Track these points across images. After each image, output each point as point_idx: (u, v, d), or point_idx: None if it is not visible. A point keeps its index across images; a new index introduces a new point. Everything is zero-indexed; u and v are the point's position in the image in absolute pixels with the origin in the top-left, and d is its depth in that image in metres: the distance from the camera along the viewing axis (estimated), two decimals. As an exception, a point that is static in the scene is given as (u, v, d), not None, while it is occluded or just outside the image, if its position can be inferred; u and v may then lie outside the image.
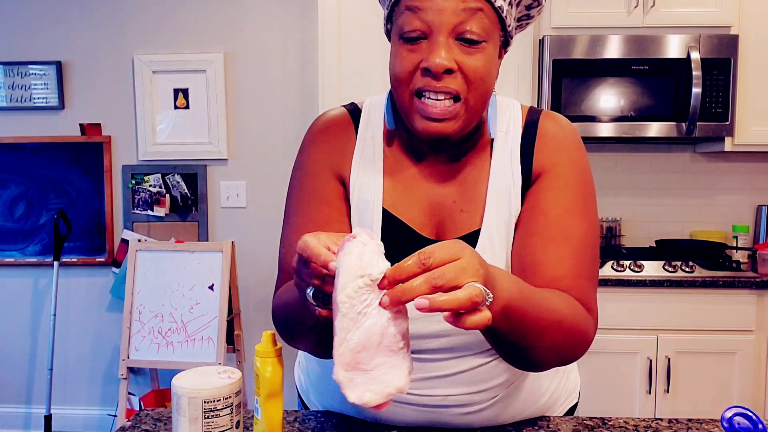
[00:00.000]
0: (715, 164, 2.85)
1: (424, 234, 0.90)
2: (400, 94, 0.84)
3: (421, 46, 0.80)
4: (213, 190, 2.94)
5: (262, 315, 2.97)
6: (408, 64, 0.81)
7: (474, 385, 0.90)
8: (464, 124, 0.84)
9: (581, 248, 0.85)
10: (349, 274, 0.58)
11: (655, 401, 2.34)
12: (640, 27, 2.45)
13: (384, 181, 0.91)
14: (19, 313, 3.03)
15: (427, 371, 0.89)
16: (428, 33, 0.79)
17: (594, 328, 0.84)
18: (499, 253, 0.88)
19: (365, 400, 0.59)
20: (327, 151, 0.93)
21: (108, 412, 2.98)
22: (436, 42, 0.78)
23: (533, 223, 0.87)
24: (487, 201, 0.89)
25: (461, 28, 0.78)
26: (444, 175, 0.92)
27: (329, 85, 2.52)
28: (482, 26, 0.79)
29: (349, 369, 0.59)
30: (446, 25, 0.78)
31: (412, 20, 0.79)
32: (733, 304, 2.30)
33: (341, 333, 0.59)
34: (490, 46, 0.81)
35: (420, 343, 0.88)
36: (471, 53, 0.79)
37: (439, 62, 0.78)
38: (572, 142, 0.91)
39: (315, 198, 0.91)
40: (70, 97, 2.94)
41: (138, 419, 0.96)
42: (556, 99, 2.44)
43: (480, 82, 0.81)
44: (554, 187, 0.88)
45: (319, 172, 0.93)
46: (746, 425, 0.74)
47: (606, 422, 0.95)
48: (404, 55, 0.81)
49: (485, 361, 0.90)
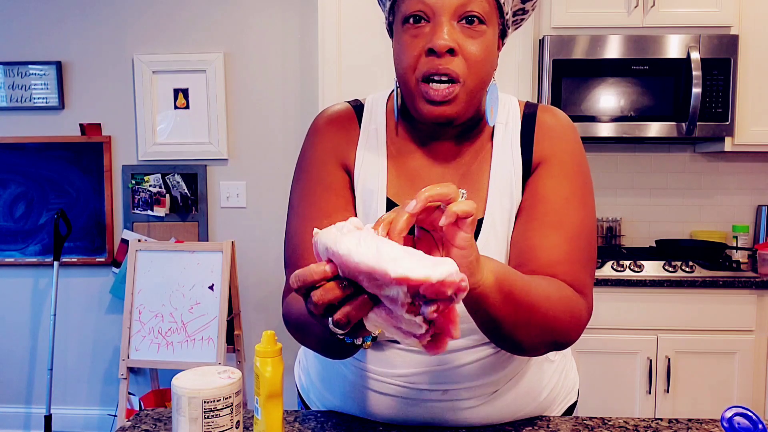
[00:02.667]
0: (715, 164, 2.85)
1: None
2: (406, 80, 0.86)
3: (424, 30, 0.83)
4: (213, 190, 2.94)
5: (262, 315, 2.97)
6: (413, 48, 0.84)
7: (474, 379, 0.91)
8: (465, 107, 0.86)
9: (577, 235, 0.87)
10: (341, 240, 0.57)
11: (655, 401, 2.34)
12: (640, 27, 2.45)
13: (388, 171, 0.93)
14: (19, 313, 3.03)
15: (428, 365, 0.89)
16: (431, 15, 0.83)
17: (588, 312, 0.85)
18: (501, 242, 0.89)
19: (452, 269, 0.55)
20: (332, 141, 0.95)
21: (108, 412, 2.98)
22: (439, 23, 0.82)
23: (531, 210, 0.89)
24: (490, 191, 0.91)
25: (463, 9, 0.82)
26: (447, 166, 0.94)
27: (329, 85, 2.52)
28: (482, 8, 0.83)
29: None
30: (448, 7, 0.82)
31: (415, 3, 0.83)
32: (733, 304, 2.30)
33: (391, 262, 0.54)
34: (490, 31, 0.85)
35: None
36: (472, 36, 0.83)
37: (443, 43, 0.81)
38: (570, 134, 0.93)
39: (321, 186, 0.93)
40: (70, 97, 2.94)
41: (138, 419, 0.96)
42: (556, 99, 2.44)
43: (479, 66, 0.84)
44: (553, 175, 0.90)
45: (325, 162, 0.94)
46: (746, 425, 0.74)
47: (606, 422, 0.95)
48: (408, 41, 0.85)
49: (485, 354, 0.91)
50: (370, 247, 0.56)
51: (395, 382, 0.91)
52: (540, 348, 0.81)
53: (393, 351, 0.90)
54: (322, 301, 0.57)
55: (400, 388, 0.91)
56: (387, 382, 0.91)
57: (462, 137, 0.93)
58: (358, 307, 0.57)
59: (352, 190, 0.94)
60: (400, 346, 0.90)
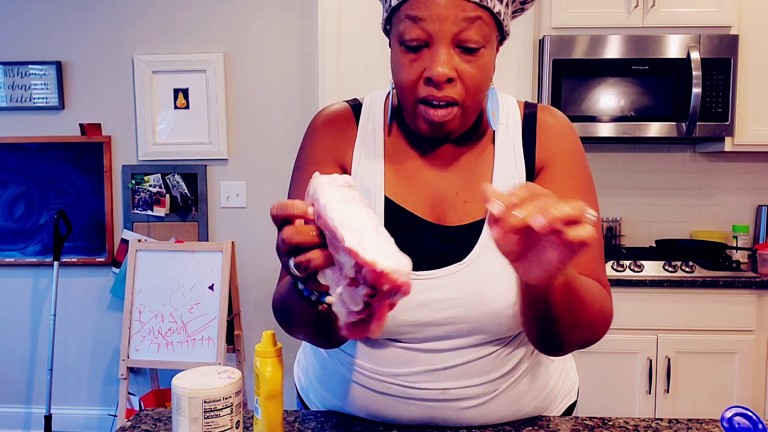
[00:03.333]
0: (715, 164, 2.85)
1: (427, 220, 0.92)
2: (405, 99, 0.87)
3: (423, 54, 0.83)
4: (213, 190, 2.95)
5: (262, 315, 2.97)
6: (411, 73, 0.83)
7: (474, 377, 0.91)
8: (462, 123, 0.87)
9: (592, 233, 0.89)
10: (327, 190, 0.59)
11: (655, 401, 2.34)
12: (640, 27, 2.45)
13: (385, 170, 0.93)
14: (19, 313, 3.03)
15: (428, 363, 0.89)
16: (429, 41, 0.82)
17: (612, 306, 0.89)
18: None
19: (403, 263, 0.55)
20: (329, 140, 0.95)
21: (108, 412, 2.98)
22: (438, 52, 0.81)
23: None
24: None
25: (461, 37, 0.81)
26: (446, 166, 0.94)
27: (329, 85, 2.52)
28: (481, 33, 0.82)
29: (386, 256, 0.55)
30: (447, 34, 0.80)
31: (413, 29, 0.81)
32: (733, 304, 2.30)
33: (354, 232, 0.55)
34: (488, 51, 0.84)
35: (422, 330, 0.88)
36: (470, 61, 0.82)
37: (441, 72, 0.80)
38: (570, 133, 0.95)
39: None
40: (70, 97, 2.94)
41: (138, 419, 0.96)
42: (556, 99, 2.44)
43: (478, 88, 0.84)
44: (561, 177, 0.91)
45: (321, 160, 0.94)
46: (746, 425, 0.74)
47: (606, 422, 0.95)
48: (407, 64, 0.84)
49: (487, 353, 0.91)
50: (347, 209, 0.57)
51: (395, 381, 0.91)
52: (574, 347, 0.85)
53: (392, 350, 0.90)
54: (290, 240, 0.60)
55: (400, 387, 0.91)
56: (386, 382, 0.91)
57: (461, 139, 0.94)
58: (319, 257, 0.60)
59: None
60: (400, 345, 0.90)
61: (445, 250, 0.89)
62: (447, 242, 0.89)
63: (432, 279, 0.88)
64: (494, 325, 0.88)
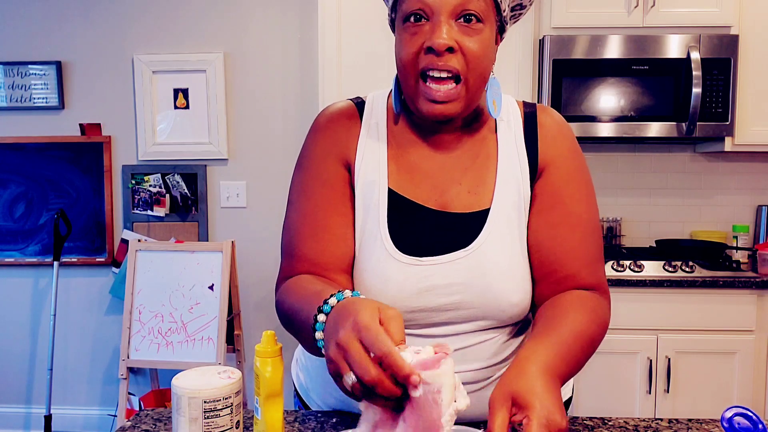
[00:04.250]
0: (715, 164, 2.85)
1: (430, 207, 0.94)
2: (407, 77, 0.88)
3: (424, 28, 0.86)
4: (213, 190, 2.94)
5: (262, 315, 2.97)
6: (412, 46, 0.86)
7: (476, 362, 0.92)
8: (465, 105, 0.88)
9: (591, 232, 0.93)
10: (449, 396, 0.63)
11: (655, 401, 2.34)
12: (640, 27, 2.45)
13: (389, 162, 0.95)
14: (19, 313, 3.03)
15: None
16: (430, 14, 0.85)
17: (609, 310, 0.94)
18: (506, 232, 0.92)
19: None
20: (333, 138, 0.97)
21: (108, 412, 2.98)
22: (438, 22, 0.84)
23: (549, 214, 0.93)
24: (497, 184, 0.93)
25: (461, 8, 0.84)
26: (448, 158, 0.95)
27: (329, 84, 2.52)
28: (480, 7, 0.85)
29: None
30: (447, 6, 0.84)
31: (415, 2, 0.85)
32: (733, 304, 2.30)
33: None
34: (488, 28, 0.87)
35: (426, 316, 0.90)
36: (470, 34, 0.85)
37: (442, 41, 0.83)
38: (569, 133, 0.98)
39: (319, 182, 0.95)
40: (70, 97, 2.94)
41: (138, 419, 0.96)
42: (556, 99, 2.44)
43: (478, 62, 0.86)
44: (563, 177, 0.94)
45: (325, 158, 0.96)
46: (746, 425, 0.74)
47: (606, 422, 0.95)
48: (408, 38, 0.87)
49: (489, 337, 0.93)
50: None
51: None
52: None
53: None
54: (372, 384, 0.62)
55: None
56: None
57: (463, 130, 0.96)
58: (389, 406, 0.65)
59: (351, 186, 0.95)
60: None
61: (450, 237, 0.91)
62: (451, 229, 0.91)
63: (436, 265, 0.89)
64: (497, 312, 0.90)
